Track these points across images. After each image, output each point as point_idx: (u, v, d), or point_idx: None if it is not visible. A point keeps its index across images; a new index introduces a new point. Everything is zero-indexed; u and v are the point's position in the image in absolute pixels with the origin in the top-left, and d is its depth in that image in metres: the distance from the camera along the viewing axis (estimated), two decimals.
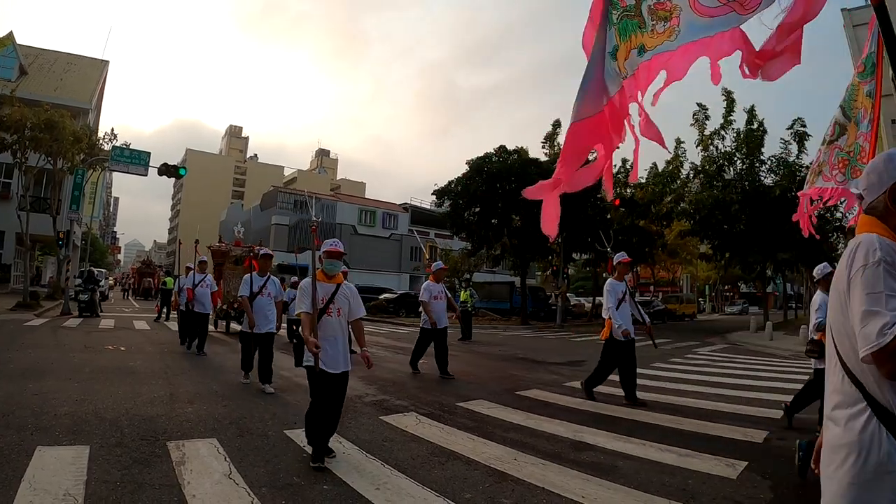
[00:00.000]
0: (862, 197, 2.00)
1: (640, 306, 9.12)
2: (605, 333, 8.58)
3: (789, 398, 9.20)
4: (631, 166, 36.83)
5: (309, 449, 5.07)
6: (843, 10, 36.92)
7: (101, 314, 21.91)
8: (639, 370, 12.23)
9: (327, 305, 5.13)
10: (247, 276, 8.81)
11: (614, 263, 8.93)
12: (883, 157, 1.94)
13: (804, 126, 29.33)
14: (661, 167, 35.09)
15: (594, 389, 8.78)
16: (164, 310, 22.13)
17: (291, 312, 14.52)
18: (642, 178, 36.21)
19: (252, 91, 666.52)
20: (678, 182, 33.77)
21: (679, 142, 33.20)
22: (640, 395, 8.73)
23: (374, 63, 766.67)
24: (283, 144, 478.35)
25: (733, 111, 30.36)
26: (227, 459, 4.86)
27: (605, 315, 8.62)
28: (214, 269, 16.20)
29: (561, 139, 36.11)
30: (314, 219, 8.26)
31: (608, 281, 8.81)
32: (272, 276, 9.07)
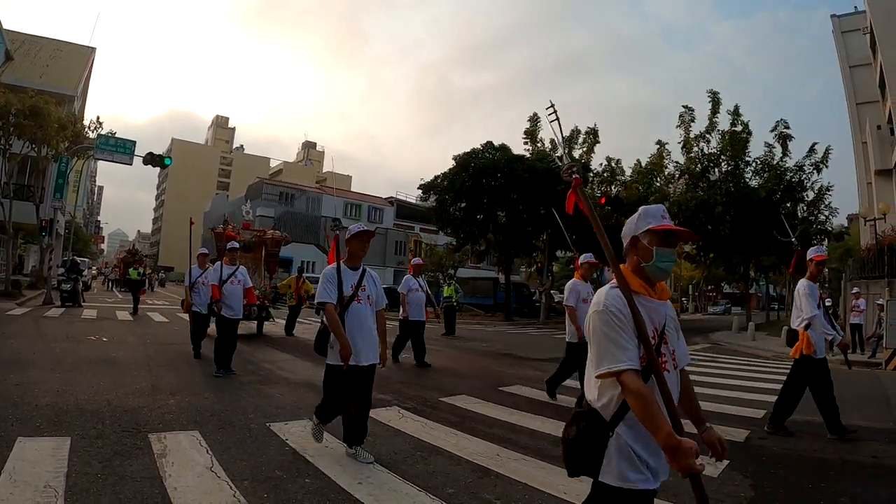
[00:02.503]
0: None
1: (831, 316, 7.55)
2: (803, 349, 6.83)
3: (771, 398, 9.31)
4: (616, 163, 37.09)
5: (292, 443, 5.06)
6: (832, 16, 37.29)
7: (83, 304, 21.78)
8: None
9: (659, 345, 2.40)
10: (329, 269, 5.07)
11: (808, 259, 7.21)
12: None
13: (787, 128, 29.53)
14: (644, 164, 35.29)
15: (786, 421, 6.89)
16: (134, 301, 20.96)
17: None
18: (628, 176, 36.39)
19: (246, 84, 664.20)
20: (661, 180, 33.95)
21: (662, 143, 33.38)
22: None
23: (371, 60, 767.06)
24: (276, 137, 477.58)
25: (718, 112, 30.52)
26: (209, 452, 4.83)
27: (796, 325, 6.95)
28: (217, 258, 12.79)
29: (543, 134, 36.22)
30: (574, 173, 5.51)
31: (802, 282, 7.07)
32: (369, 270, 5.33)
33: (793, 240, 8.78)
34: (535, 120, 36.51)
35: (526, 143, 36.32)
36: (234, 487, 4.07)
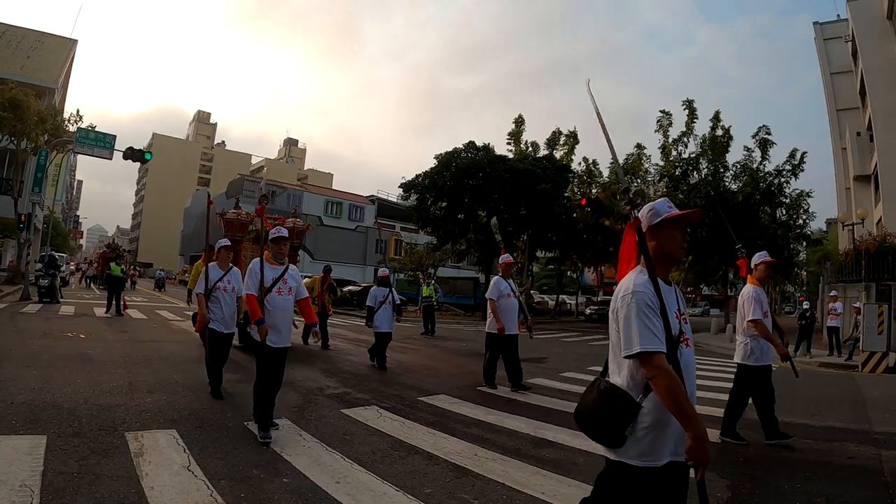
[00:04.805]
0: None
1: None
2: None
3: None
4: (594, 164, 37.43)
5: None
6: (814, 23, 37.73)
7: (61, 300, 21.55)
8: (599, 368, 12.39)
9: None
10: (641, 282, 2.51)
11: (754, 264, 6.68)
12: None
13: (769, 133, 29.83)
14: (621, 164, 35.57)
15: None
16: (113, 301, 18.41)
17: (380, 327, 11.00)
18: (606, 177, 36.71)
19: (237, 82, 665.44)
20: (638, 182, 34.28)
21: (641, 146, 33.73)
22: None
23: (362, 61, 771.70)
24: (264, 135, 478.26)
25: (695, 119, 30.82)
26: (187, 451, 4.81)
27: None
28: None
29: (526, 136, 36.55)
30: None
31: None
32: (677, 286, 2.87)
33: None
34: (519, 122, 36.75)
35: (509, 144, 36.55)
36: (210, 487, 4.05)
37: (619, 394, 2.50)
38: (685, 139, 31.12)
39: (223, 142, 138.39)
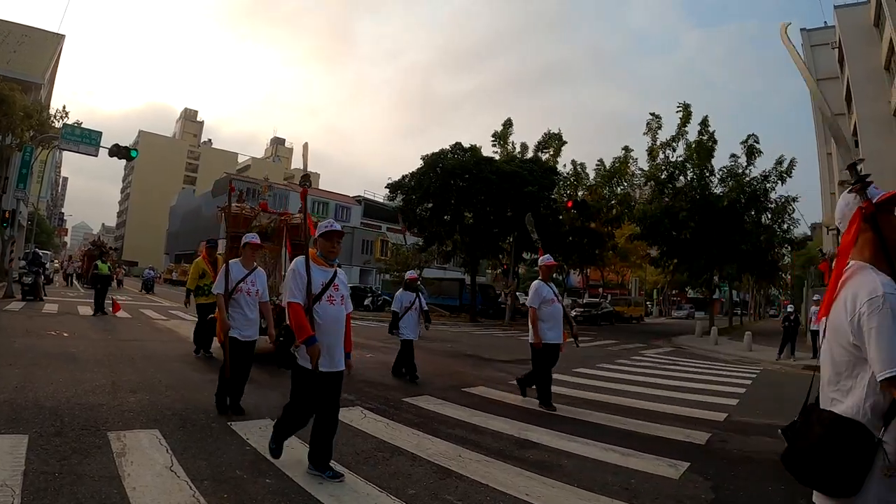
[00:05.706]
0: None
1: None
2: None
3: (732, 402, 9.47)
4: (581, 167, 37.57)
5: (253, 443, 5.05)
6: (801, 29, 38.04)
7: (44, 298, 21.38)
8: (584, 370, 12.43)
9: None
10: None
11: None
12: None
13: (757, 142, 30.05)
14: (607, 166, 35.69)
15: None
16: (100, 300, 17.75)
17: (404, 334, 10.73)
18: (593, 180, 36.83)
19: (229, 81, 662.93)
20: (625, 183, 34.41)
21: (627, 149, 33.87)
22: (584, 394, 8.80)
23: (356, 62, 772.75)
24: (254, 135, 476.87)
25: (688, 122, 30.95)
26: (169, 451, 4.78)
27: None
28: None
29: (513, 138, 36.61)
30: None
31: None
32: None
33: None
34: (507, 124, 36.79)
35: (495, 146, 36.56)
36: (193, 487, 4.04)
37: (854, 427, 2.03)
38: (673, 144, 31.24)
39: (209, 140, 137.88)
